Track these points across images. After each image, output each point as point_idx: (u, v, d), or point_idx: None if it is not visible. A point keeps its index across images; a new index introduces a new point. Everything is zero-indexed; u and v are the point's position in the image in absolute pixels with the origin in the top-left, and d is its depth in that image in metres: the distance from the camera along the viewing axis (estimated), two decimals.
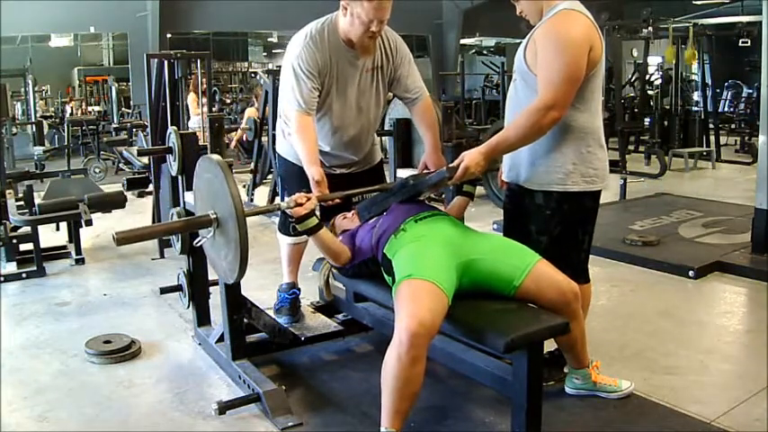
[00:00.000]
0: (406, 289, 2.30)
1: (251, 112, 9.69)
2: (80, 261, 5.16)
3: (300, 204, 2.58)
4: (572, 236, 2.76)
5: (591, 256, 2.92)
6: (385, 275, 2.57)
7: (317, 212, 2.70)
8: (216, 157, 2.61)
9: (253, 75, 19.39)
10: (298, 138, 2.94)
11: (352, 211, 2.94)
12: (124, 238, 2.47)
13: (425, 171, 3.02)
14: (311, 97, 2.94)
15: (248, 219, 2.40)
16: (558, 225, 2.72)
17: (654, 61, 12.81)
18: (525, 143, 2.61)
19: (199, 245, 2.78)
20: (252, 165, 7.67)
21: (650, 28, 9.74)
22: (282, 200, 3.40)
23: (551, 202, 2.69)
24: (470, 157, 2.55)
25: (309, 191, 2.90)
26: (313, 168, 2.84)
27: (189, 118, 6.85)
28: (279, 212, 3.35)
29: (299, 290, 3.46)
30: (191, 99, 7.54)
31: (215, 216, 2.55)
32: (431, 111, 3.20)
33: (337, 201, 2.89)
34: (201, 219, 2.61)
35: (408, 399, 2.23)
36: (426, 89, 3.22)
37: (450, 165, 2.60)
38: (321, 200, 2.75)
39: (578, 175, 2.66)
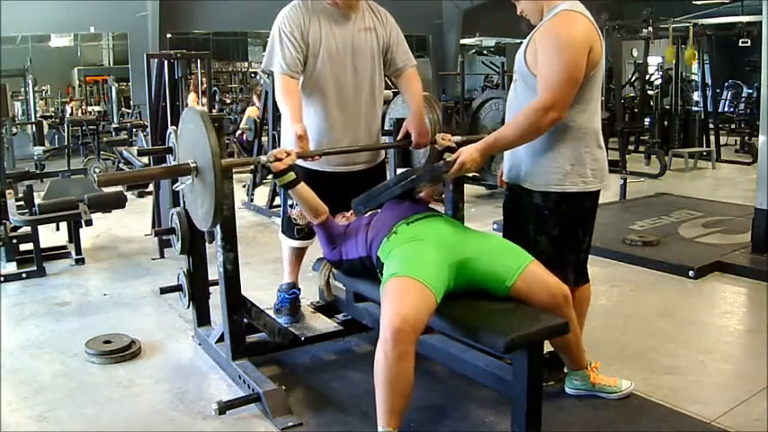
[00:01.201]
0: (391, 287, 2.31)
1: (252, 111, 9.69)
2: (80, 261, 5.16)
3: (280, 159, 2.70)
4: (571, 236, 2.76)
5: (591, 256, 2.92)
6: (381, 278, 2.58)
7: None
8: (199, 108, 2.72)
9: (253, 75, 19.37)
10: (282, 99, 3.01)
11: (351, 212, 2.95)
12: (106, 180, 2.63)
13: (424, 166, 3.02)
14: (293, 59, 3.00)
15: (248, 216, 2.42)
16: (556, 225, 2.72)
17: (654, 61, 12.81)
18: (522, 142, 2.63)
19: (179, 189, 2.94)
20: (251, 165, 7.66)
21: (650, 28, 9.75)
22: (283, 201, 3.41)
23: (549, 202, 2.69)
24: (467, 153, 2.57)
25: (315, 187, 2.92)
26: (297, 125, 2.89)
27: None
28: (281, 213, 3.37)
29: (299, 290, 3.47)
30: (191, 99, 7.54)
31: (194, 165, 2.65)
32: (417, 80, 3.28)
33: (335, 195, 2.93)
34: (182, 167, 2.73)
35: (401, 396, 2.23)
36: (413, 59, 3.30)
37: (447, 159, 2.61)
38: (300, 156, 2.82)
39: (576, 175, 2.66)
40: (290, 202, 3.25)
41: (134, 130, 9.48)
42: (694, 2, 15.02)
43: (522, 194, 2.78)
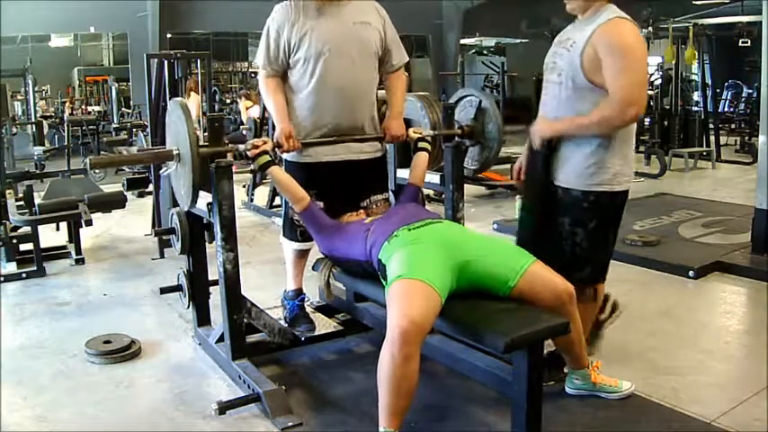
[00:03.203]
0: (398, 288, 2.31)
1: (248, 105, 9.74)
2: (80, 261, 5.16)
3: (257, 147, 2.92)
4: (603, 234, 2.83)
5: None
6: (382, 280, 2.58)
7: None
8: (180, 100, 2.95)
9: (252, 75, 19.38)
10: (266, 97, 3.14)
11: (358, 212, 2.96)
12: (97, 163, 2.82)
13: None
14: (275, 58, 3.07)
15: (248, 216, 2.42)
16: (593, 222, 2.77)
17: (654, 61, 12.81)
18: (596, 132, 2.69)
19: (166, 173, 3.20)
20: (251, 165, 7.66)
21: (650, 28, 9.75)
22: (285, 203, 3.40)
23: (594, 200, 2.75)
24: (542, 123, 2.79)
25: (313, 186, 2.96)
26: (283, 126, 3.03)
27: None
28: (282, 216, 3.36)
29: (305, 295, 3.42)
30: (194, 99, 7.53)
31: (177, 152, 2.84)
32: (403, 81, 3.34)
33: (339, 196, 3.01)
34: (166, 152, 2.94)
35: (404, 397, 2.23)
36: (406, 56, 3.33)
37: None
38: (278, 146, 3.00)
39: (622, 174, 2.75)
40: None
41: (134, 130, 9.49)
42: (694, 2, 15.03)
43: (560, 192, 2.82)
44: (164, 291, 3.60)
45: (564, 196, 2.80)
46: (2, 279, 4.68)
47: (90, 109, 16.46)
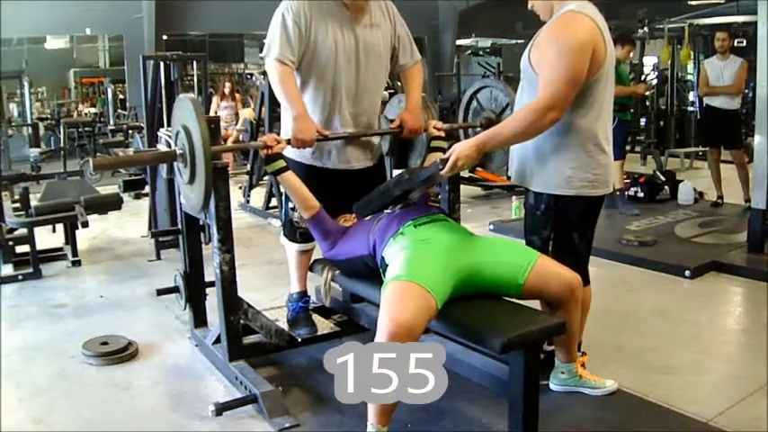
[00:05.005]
0: (392, 290, 2.29)
1: (247, 113, 9.68)
2: (76, 263, 5.15)
3: (270, 147, 2.77)
4: (567, 239, 2.77)
5: None
6: (382, 276, 2.57)
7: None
8: (190, 95, 2.74)
9: (249, 76, 19.36)
10: (280, 87, 2.94)
11: (353, 215, 2.95)
12: (100, 165, 2.84)
13: (420, 167, 3.01)
14: (292, 48, 2.93)
15: (244, 218, 2.42)
16: (549, 227, 2.74)
17: (649, 61, 12.82)
18: (518, 140, 2.64)
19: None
20: (248, 166, 7.67)
21: (646, 28, 9.76)
22: (284, 204, 3.39)
23: (548, 203, 2.71)
24: (461, 149, 2.51)
25: (314, 185, 2.91)
26: (307, 123, 2.91)
27: None
28: (282, 218, 3.35)
29: (309, 297, 3.41)
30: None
31: (181, 151, 2.72)
32: (420, 74, 3.30)
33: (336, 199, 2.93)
34: (168, 153, 2.81)
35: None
36: (418, 53, 3.28)
37: (442, 157, 2.57)
38: (296, 145, 2.89)
39: (577, 179, 2.66)
40: (291, 205, 3.22)
41: (130, 131, 9.48)
42: (690, 2, 15.04)
43: (527, 194, 2.82)
44: (160, 292, 3.60)
45: (527, 198, 2.83)
46: None
47: (86, 111, 16.43)
